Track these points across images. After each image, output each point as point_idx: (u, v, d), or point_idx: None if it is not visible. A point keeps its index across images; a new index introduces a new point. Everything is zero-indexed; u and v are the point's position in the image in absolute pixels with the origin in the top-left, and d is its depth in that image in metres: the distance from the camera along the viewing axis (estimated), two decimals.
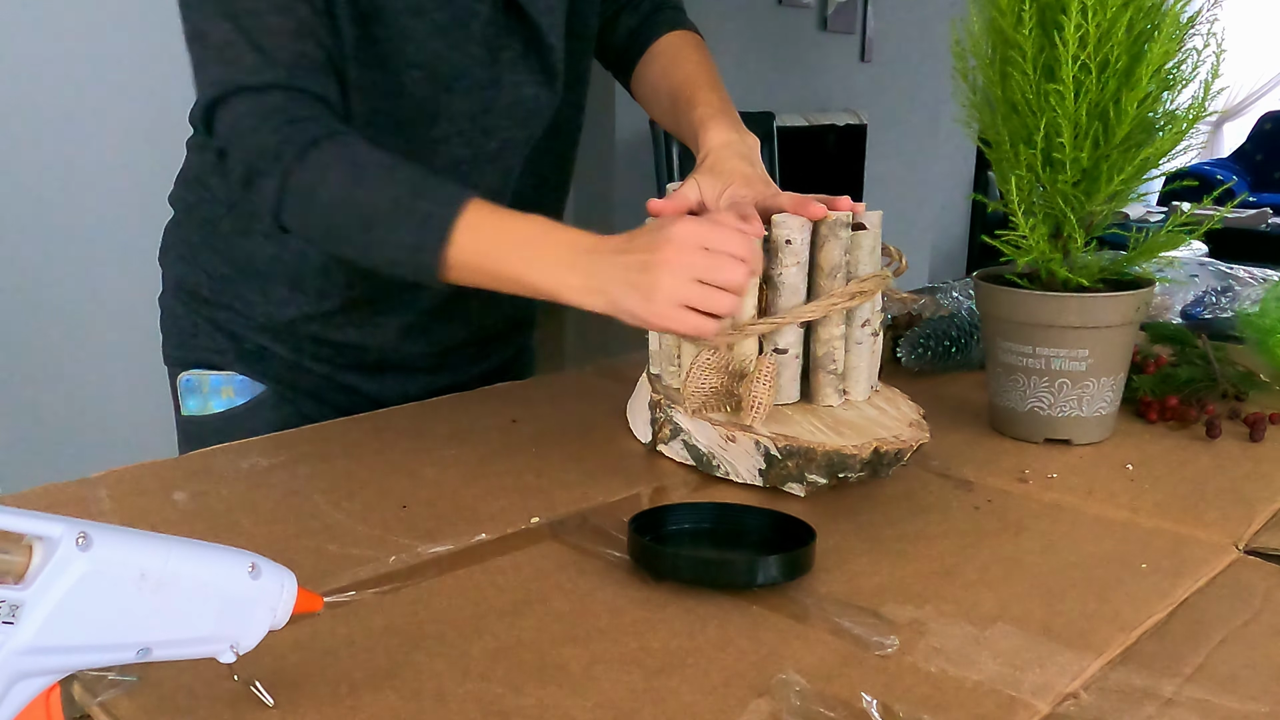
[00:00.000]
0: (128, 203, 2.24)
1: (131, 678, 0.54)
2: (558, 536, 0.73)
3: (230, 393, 1.03)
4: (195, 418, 1.04)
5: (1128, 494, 0.82)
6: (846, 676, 0.55)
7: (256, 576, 0.47)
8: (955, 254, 5.63)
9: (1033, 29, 0.84)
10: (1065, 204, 0.87)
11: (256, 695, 0.52)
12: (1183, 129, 0.87)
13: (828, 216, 0.83)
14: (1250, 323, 1.11)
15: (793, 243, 0.82)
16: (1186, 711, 0.53)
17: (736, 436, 0.81)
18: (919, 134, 4.74)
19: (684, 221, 0.77)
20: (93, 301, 2.30)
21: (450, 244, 0.79)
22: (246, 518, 0.75)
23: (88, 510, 0.75)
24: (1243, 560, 0.71)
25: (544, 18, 0.95)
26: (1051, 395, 0.91)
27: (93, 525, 0.41)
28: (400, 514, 0.73)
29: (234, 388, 1.03)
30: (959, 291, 1.33)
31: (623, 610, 0.62)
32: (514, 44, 0.96)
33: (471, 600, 0.64)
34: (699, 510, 0.74)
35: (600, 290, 0.77)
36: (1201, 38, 0.86)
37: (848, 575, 0.67)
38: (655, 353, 0.93)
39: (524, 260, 0.79)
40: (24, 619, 0.40)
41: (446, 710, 0.52)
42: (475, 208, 0.80)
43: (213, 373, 1.03)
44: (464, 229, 0.79)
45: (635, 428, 0.93)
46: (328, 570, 0.67)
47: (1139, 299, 0.90)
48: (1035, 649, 0.59)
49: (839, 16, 4.25)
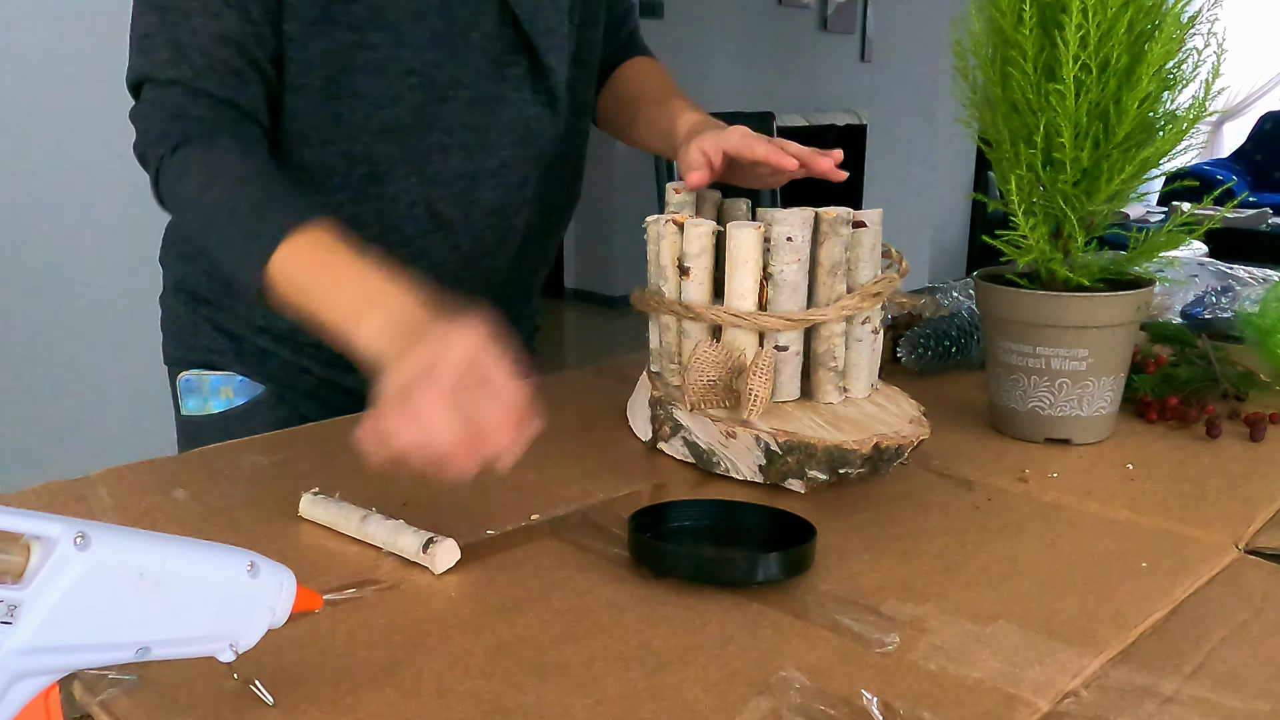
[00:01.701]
0: (128, 202, 2.24)
1: (131, 677, 0.54)
2: (558, 534, 0.73)
3: (230, 393, 1.03)
4: (194, 417, 1.04)
5: (1128, 494, 0.82)
6: (847, 674, 0.55)
7: (255, 575, 0.47)
8: (955, 254, 5.64)
9: (1033, 28, 0.84)
10: (1065, 204, 0.87)
11: (256, 694, 0.52)
12: (1183, 129, 0.87)
13: (827, 214, 0.83)
14: (1250, 323, 1.11)
15: (793, 239, 0.82)
16: (1186, 709, 0.53)
17: (737, 433, 0.81)
18: (919, 134, 4.74)
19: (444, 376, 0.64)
20: (93, 301, 2.30)
21: (270, 264, 0.77)
22: (246, 516, 0.75)
23: (87, 509, 0.75)
24: (1243, 560, 0.71)
25: (543, 38, 0.96)
26: (1052, 395, 0.91)
27: (91, 525, 0.41)
28: (400, 512, 0.73)
29: (233, 388, 1.03)
30: (959, 291, 1.33)
31: (623, 607, 0.62)
32: (520, 62, 0.96)
33: (471, 598, 0.64)
34: (699, 507, 0.74)
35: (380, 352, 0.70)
36: (1202, 37, 0.86)
37: (848, 573, 0.67)
38: (656, 350, 0.93)
39: (321, 298, 0.77)
40: (22, 619, 0.40)
41: (446, 708, 0.52)
42: (308, 234, 0.78)
43: (212, 373, 1.03)
44: (284, 254, 0.78)
45: (635, 426, 0.93)
46: (327, 568, 0.67)
47: (1139, 299, 0.90)
48: (1036, 647, 0.59)
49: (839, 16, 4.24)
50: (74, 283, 2.26)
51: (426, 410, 0.63)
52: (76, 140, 2.21)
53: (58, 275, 2.24)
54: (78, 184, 2.23)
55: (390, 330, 0.71)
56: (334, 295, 0.76)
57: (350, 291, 0.76)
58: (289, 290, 0.78)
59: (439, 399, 0.63)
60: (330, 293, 0.77)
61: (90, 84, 2.20)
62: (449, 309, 0.70)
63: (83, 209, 2.25)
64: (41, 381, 2.25)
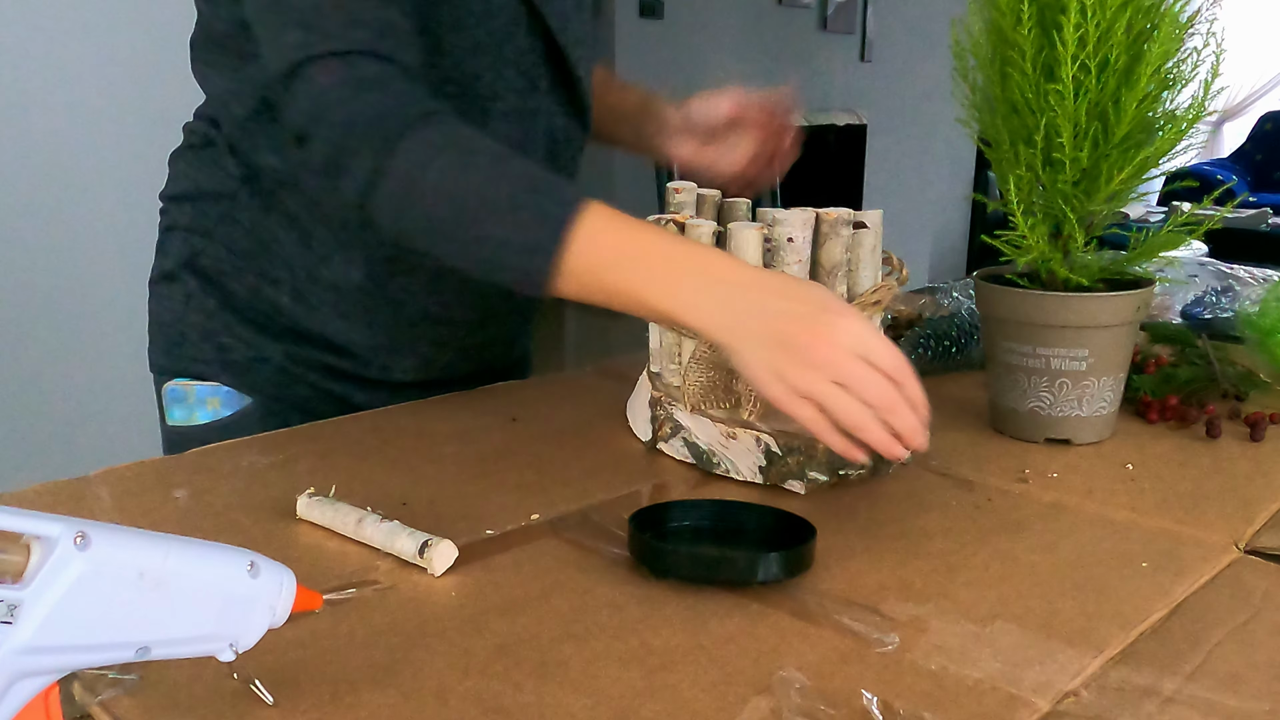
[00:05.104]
0: (125, 201, 2.24)
1: (131, 676, 0.54)
2: (558, 533, 0.73)
3: (216, 404, 1.00)
4: (180, 428, 1.01)
5: (1128, 494, 0.82)
6: (847, 673, 0.55)
7: (256, 575, 0.47)
8: (955, 254, 5.64)
9: (1032, 29, 0.84)
10: (1065, 204, 0.87)
11: (256, 693, 0.52)
12: (1183, 129, 0.87)
13: (829, 215, 0.83)
14: (1250, 323, 1.11)
15: (794, 240, 0.82)
16: (1187, 709, 0.53)
17: (737, 434, 0.81)
18: (919, 134, 4.74)
19: (852, 315, 0.68)
20: (92, 300, 2.30)
21: (567, 249, 0.71)
22: (246, 516, 0.75)
23: (87, 508, 0.75)
24: (1243, 560, 0.71)
25: (574, 49, 0.95)
26: (1052, 395, 0.91)
27: (91, 524, 0.41)
28: (400, 511, 0.73)
29: (220, 399, 1.00)
30: (959, 291, 1.33)
31: (623, 607, 0.62)
32: (548, 74, 0.96)
33: (471, 597, 0.64)
34: (699, 507, 0.74)
35: (729, 329, 0.69)
36: (1201, 37, 0.86)
37: (848, 573, 0.67)
38: (655, 350, 0.93)
39: (640, 276, 0.71)
40: (22, 618, 0.40)
41: (446, 708, 0.52)
42: (595, 210, 0.73)
43: (199, 383, 1.00)
44: (583, 233, 0.71)
45: (635, 426, 0.93)
46: (327, 568, 0.67)
47: (1139, 299, 0.90)
48: (1036, 647, 0.59)
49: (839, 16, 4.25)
50: (73, 282, 2.26)
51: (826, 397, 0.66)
52: (73, 140, 2.21)
53: (56, 275, 2.24)
54: (75, 182, 2.23)
55: (720, 297, 0.69)
56: (648, 267, 0.71)
57: (667, 261, 0.71)
58: (590, 268, 0.72)
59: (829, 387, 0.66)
60: (644, 265, 0.71)
61: (89, 83, 2.20)
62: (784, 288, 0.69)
63: (80, 208, 2.25)
64: (42, 381, 2.25)
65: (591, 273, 0.72)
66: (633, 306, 0.72)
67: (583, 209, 0.72)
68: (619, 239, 0.73)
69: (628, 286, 0.72)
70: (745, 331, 0.68)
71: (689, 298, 0.70)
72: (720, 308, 0.69)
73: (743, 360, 0.69)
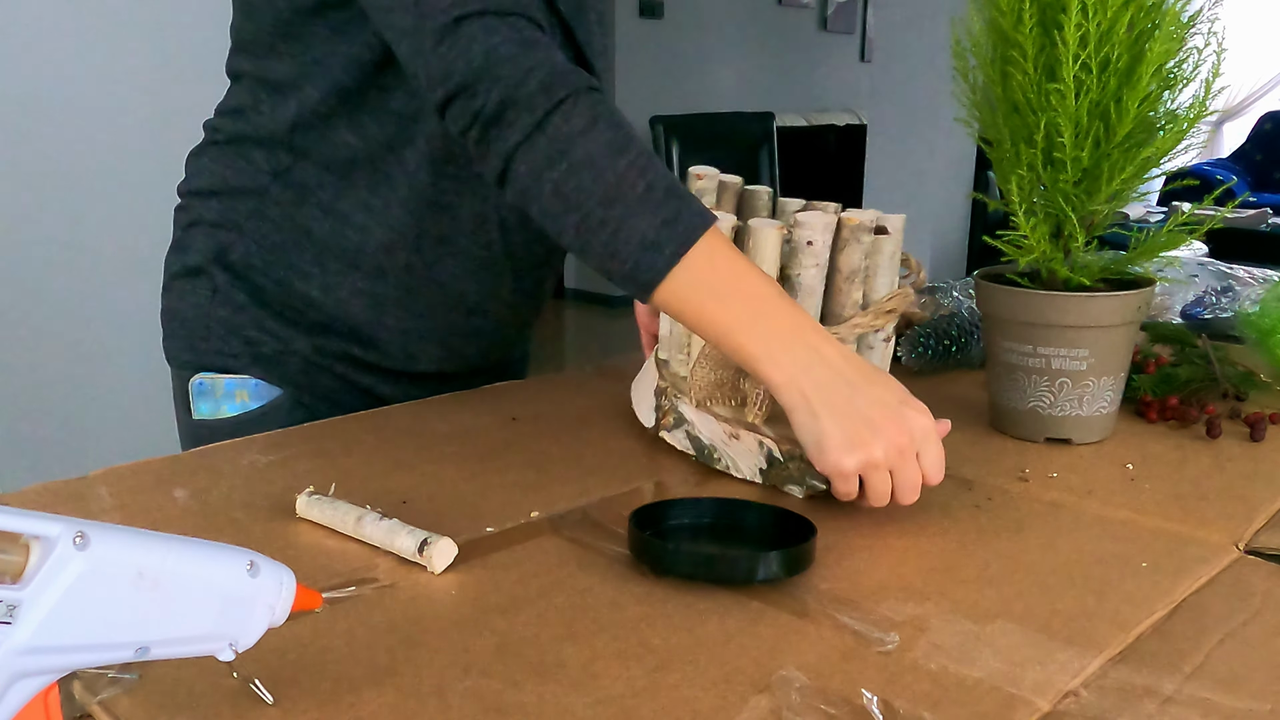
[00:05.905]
0: (130, 200, 2.24)
1: (131, 676, 0.54)
2: (557, 531, 0.73)
3: (245, 396, 1.00)
4: (206, 421, 1.01)
5: (1128, 493, 0.82)
6: (847, 673, 0.55)
7: (255, 574, 0.47)
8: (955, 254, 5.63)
9: (1033, 28, 0.84)
10: (1066, 203, 0.87)
11: (256, 693, 0.52)
12: (1184, 128, 0.87)
13: (851, 220, 0.83)
14: (1250, 323, 1.11)
15: (814, 244, 0.82)
16: (1187, 709, 0.53)
17: (740, 435, 0.80)
18: (919, 134, 4.74)
19: (925, 413, 0.74)
20: (93, 300, 2.30)
21: (684, 258, 0.72)
22: (245, 515, 0.75)
23: (87, 508, 0.75)
24: (1243, 560, 0.71)
25: (598, 59, 0.96)
26: (1052, 395, 0.91)
27: (90, 524, 0.41)
28: (400, 509, 0.73)
29: (249, 391, 1.00)
30: (959, 291, 1.32)
31: (623, 605, 0.62)
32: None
33: (471, 596, 0.64)
34: (699, 505, 0.74)
35: (807, 395, 0.72)
36: (1202, 37, 0.86)
37: (848, 572, 0.67)
38: (665, 338, 0.92)
39: (740, 315, 0.73)
40: (21, 618, 0.40)
41: (446, 707, 0.52)
42: (720, 236, 0.75)
43: (226, 376, 1.00)
44: (703, 251, 0.73)
45: (639, 411, 0.93)
46: (327, 566, 0.67)
47: (1139, 299, 0.90)
48: (1035, 646, 0.59)
49: (839, 16, 4.24)
50: (74, 282, 2.26)
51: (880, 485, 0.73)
52: (78, 139, 2.21)
53: (58, 274, 2.24)
54: (79, 182, 2.23)
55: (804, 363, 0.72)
56: (751, 310, 0.73)
57: (771, 312, 0.74)
58: (695, 287, 0.73)
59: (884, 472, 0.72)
60: (748, 306, 0.73)
61: (92, 82, 2.20)
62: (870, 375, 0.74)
63: (83, 208, 2.25)
64: (41, 381, 2.25)
65: (695, 293, 0.74)
66: (720, 339, 0.74)
67: (712, 230, 0.74)
68: (733, 272, 0.74)
69: (724, 319, 0.74)
70: (828, 403, 0.72)
71: (779, 354, 0.73)
72: (804, 373, 0.72)
73: (818, 427, 0.72)
